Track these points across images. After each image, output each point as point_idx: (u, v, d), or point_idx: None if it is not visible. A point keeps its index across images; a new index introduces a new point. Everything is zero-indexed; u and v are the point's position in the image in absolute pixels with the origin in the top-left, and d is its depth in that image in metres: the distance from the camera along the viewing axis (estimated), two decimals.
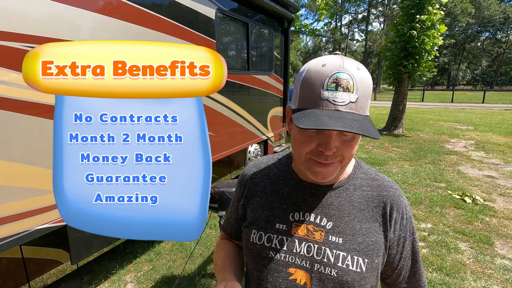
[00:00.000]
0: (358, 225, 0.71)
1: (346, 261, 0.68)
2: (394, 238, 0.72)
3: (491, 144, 7.57)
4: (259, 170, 0.84)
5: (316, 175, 0.67)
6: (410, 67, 8.41)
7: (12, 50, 1.66)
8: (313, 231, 0.71)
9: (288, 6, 4.94)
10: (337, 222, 0.71)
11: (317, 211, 0.73)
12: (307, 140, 0.65)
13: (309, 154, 0.66)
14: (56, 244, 2.05)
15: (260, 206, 0.78)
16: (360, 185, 0.75)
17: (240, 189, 0.85)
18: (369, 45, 46.25)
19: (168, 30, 2.75)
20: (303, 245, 0.71)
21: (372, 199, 0.74)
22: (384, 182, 0.76)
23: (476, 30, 42.90)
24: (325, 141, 0.63)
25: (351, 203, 0.73)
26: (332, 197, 0.73)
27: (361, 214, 0.72)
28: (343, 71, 0.60)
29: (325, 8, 12.57)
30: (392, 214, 0.72)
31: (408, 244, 0.75)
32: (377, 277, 0.73)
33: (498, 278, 2.52)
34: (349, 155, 0.66)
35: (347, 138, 0.64)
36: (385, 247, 0.72)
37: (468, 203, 4.00)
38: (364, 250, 0.69)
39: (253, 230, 0.77)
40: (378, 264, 0.71)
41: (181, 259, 2.83)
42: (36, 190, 1.80)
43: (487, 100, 20.79)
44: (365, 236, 0.70)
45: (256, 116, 4.54)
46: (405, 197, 0.77)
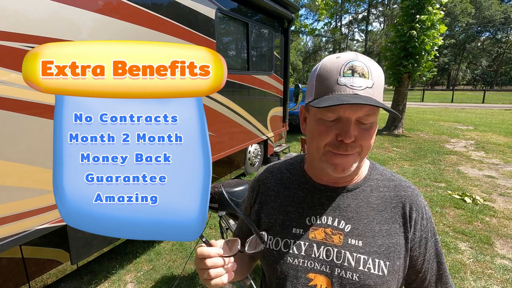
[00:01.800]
0: (378, 226, 0.69)
1: (368, 264, 0.66)
2: (416, 239, 0.70)
3: (491, 144, 7.57)
4: (271, 175, 0.83)
5: (336, 168, 0.65)
6: (410, 67, 8.41)
7: (12, 50, 1.66)
8: (332, 235, 0.70)
9: (288, 6, 4.94)
10: (356, 225, 0.69)
11: (334, 213, 0.71)
12: (326, 131, 0.64)
13: (328, 146, 0.65)
14: (56, 244, 2.05)
15: (275, 211, 0.77)
16: (377, 186, 0.74)
17: (253, 195, 0.83)
18: (369, 45, 46.24)
19: (168, 30, 2.75)
20: (322, 249, 0.69)
21: (390, 199, 0.72)
22: (401, 183, 0.75)
23: (476, 30, 42.90)
24: (345, 128, 0.62)
25: (369, 205, 0.71)
26: (349, 199, 0.72)
27: (380, 215, 0.70)
28: (357, 60, 0.62)
29: (325, 8, 12.56)
30: (411, 215, 0.70)
31: (431, 246, 0.72)
32: (399, 280, 0.70)
33: (498, 278, 2.52)
34: (368, 145, 0.66)
35: (365, 126, 0.64)
36: (406, 249, 0.70)
37: (468, 203, 4.00)
38: (385, 253, 0.67)
39: (269, 236, 0.75)
40: (399, 267, 0.69)
41: (181, 259, 2.84)
42: (36, 190, 1.80)
43: (487, 100, 20.79)
44: (385, 238, 0.68)
45: (256, 116, 4.54)
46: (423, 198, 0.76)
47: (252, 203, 0.83)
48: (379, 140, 8.23)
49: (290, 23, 5.27)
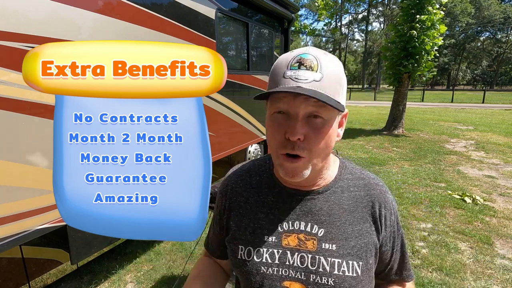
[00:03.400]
0: (350, 228, 0.69)
1: (342, 267, 0.66)
2: (386, 235, 0.72)
3: (491, 144, 7.57)
4: (240, 179, 0.79)
5: (286, 172, 0.63)
6: (410, 67, 8.41)
7: (12, 50, 1.66)
8: (305, 240, 0.68)
9: (288, 6, 4.94)
10: (329, 228, 0.68)
11: (306, 218, 0.69)
12: (276, 128, 0.62)
13: (280, 147, 0.62)
14: (56, 244, 2.05)
15: (244, 218, 0.74)
16: (348, 186, 0.72)
17: (222, 201, 0.79)
18: (369, 45, 46.23)
19: (168, 30, 2.75)
20: (295, 256, 0.68)
21: (360, 199, 0.71)
22: (370, 181, 0.74)
23: (476, 30, 42.90)
24: (291, 124, 0.59)
25: (341, 206, 0.70)
26: (321, 201, 0.70)
27: (352, 216, 0.70)
28: (308, 53, 0.60)
29: (324, 9, 12.56)
30: (381, 212, 0.71)
31: (398, 238, 0.74)
32: (372, 276, 0.71)
33: (498, 278, 2.52)
34: (319, 151, 0.62)
35: (316, 122, 0.60)
36: (377, 246, 0.71)
37: (468, 203, 4.00)
38: (357, 253, 0.67)
39: (240, 246, 0.72)
40: (372, 265, 0.70)
41: (181, 259, 2.84)
42: (36, 190, 1.80)
43: (487, 100, 20.79)
44: (357, 238, 0.68)
45: (256, 116, 4.54)
46: (391, 193, 0.77)
47: (222, 210, 0.79)
48: (379, 140, 8.23)
49: (290, 23, 5.27)
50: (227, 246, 0.77)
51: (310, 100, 0.58)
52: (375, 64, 45.74)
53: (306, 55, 0.59)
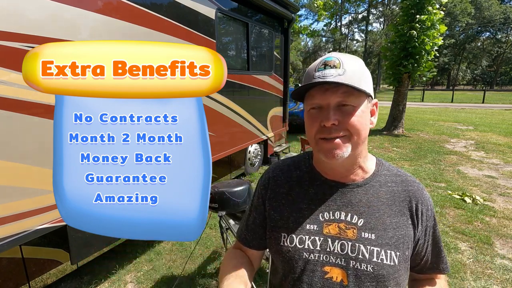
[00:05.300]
0: (388, 219, 0.73)
1: (381, 256, 0.70)
2: (422, 229, 0.76)
3: (491, 144, 7.57)
4: (281, 172, 0.84)
5: (327, 155, 0.69)
6: (410, 67, 8.40)
7: (12, 50, 1.66)
8: (345, 229, 0.73)
9: (288, 6, 4.94)
10: (368, 219, 0.73)
11: (346, 209, 0.74)
12: (312, 121, 0.70)
13: (317, 134, 0.69)
14: (56, 244, 2.05)
15: (287, 209, 0.79)
16: (385, 181, 0.78)
17: (263, 192, 0.84)
18: (369, 45, 46.23)
19: (168, 30, 2.75)
20: (336, 244, 0.73)
21: (398, 194, 0.76)
22: (407, 178, 0.80)
23: (476, 30, 42.90)
24: (324, 113, 0.68)
25: (379, 199, 0.75)
26: (360, 194, 0.75)
27: (390, 209, 0.74)
28: (332, 56, 0.69)
29: (324, 9, 12.57)
30: (418, 208, 0.75)
31: (434, 232, 0.79)
32: (408, 267, 0.75)
33: (498, 278, 2.52)
34: (355, 128, 0.68)
35: (346, 109, 0.68)
36: (414, 239, 0.75)
37: (468, 203, 4.00)
38: (395, 244, 0.72)
39: (283, 234, 0.77)
40: (408, 256, 0.74)
41: (181, 259, 2.83)
42: (36, 190, 1.80)
43: (487, 100, 20.78)
44: (395, 230, 0.73)
45: (256, 116, 4.54)
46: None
47: (264, 201, 0.84)
48: (379, 140, 8.23)
49: (290, 23, 5.27)
50: (267, 234, 0.82)
51: (338, 92, 0.66)
52: (375, 64, 45.72)
53: (330, 58, 0.69)
